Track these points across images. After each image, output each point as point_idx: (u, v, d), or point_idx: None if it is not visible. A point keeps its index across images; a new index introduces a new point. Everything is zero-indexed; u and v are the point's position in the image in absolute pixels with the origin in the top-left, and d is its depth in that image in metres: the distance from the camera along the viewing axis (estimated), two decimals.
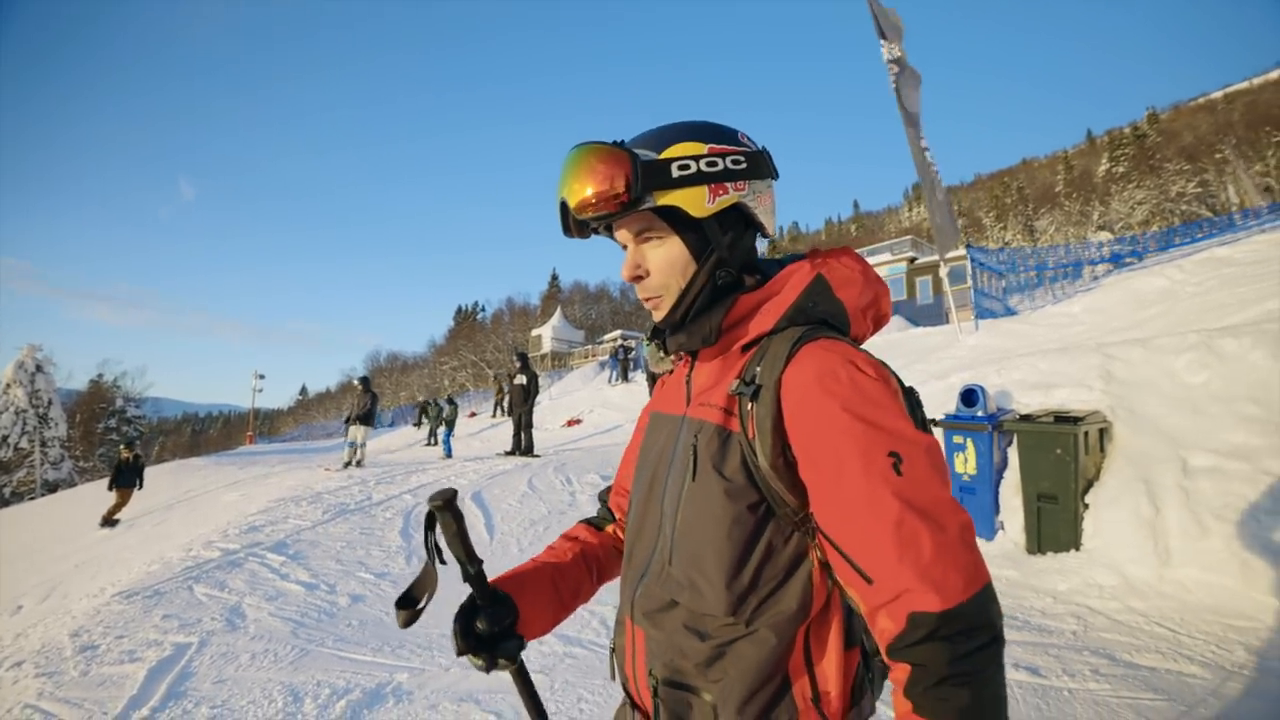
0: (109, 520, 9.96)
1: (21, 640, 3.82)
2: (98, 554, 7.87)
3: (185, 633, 3.57)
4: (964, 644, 0.64)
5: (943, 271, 9.23)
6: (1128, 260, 22.81)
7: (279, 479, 9.97)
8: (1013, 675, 2.90)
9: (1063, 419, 4.40)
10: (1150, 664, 2.96)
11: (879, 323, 0.90)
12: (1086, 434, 4.31)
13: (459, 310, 79.74)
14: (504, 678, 3.06)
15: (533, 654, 3.29)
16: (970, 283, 11.76)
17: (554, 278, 75.87)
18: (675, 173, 0.79)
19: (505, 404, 24.29)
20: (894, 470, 0.68)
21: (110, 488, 10.55)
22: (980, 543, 4.62)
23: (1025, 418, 4.64)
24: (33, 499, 25.81)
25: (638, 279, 0.86)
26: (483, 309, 77.81)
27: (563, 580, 1.01)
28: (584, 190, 0.80)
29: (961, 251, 13.77)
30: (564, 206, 0.84)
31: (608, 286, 69.13)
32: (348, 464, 10.28)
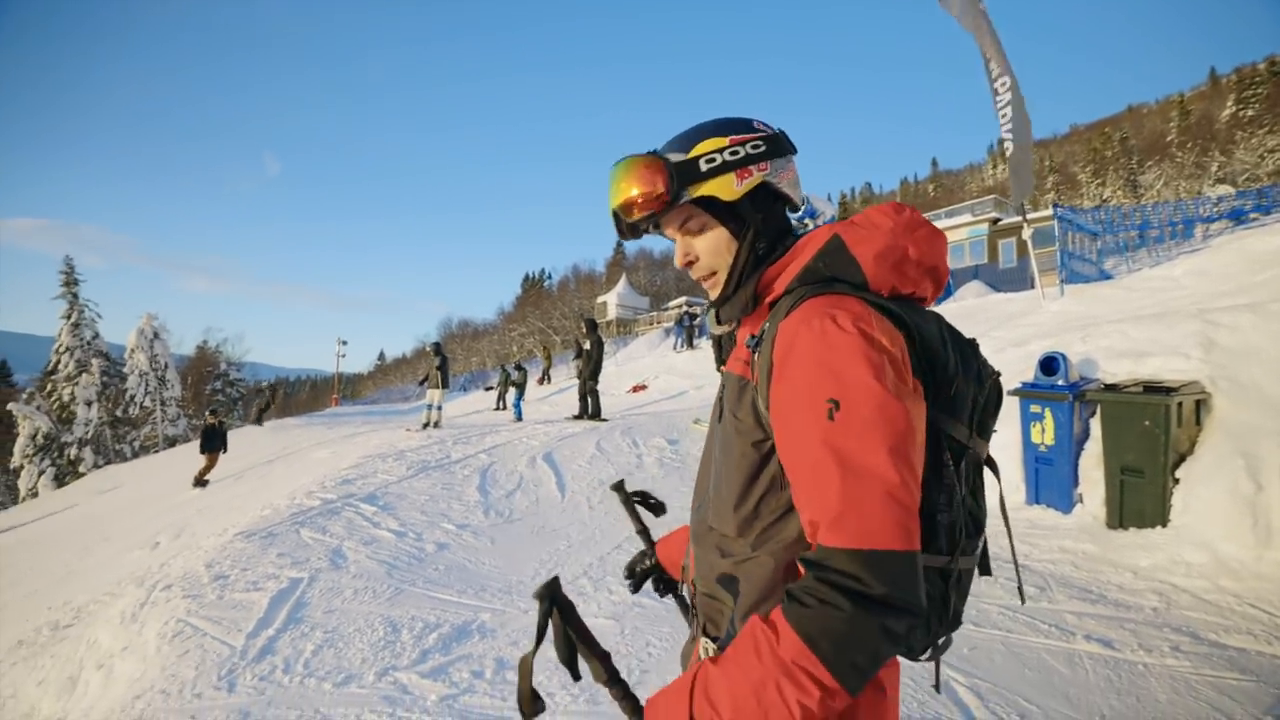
0: (199, 481, 10.71)
1: (166, 569, 4.41)
2: (216, 501, 8.81)
3: (297, 569, 4.02)
4: (840, 580, 0.69)
5: (1025, 233, 8.68)
6: (1252, 216, 20.45)
7: (364, 438, 10.73)
8: (1083, 647, 2.86)
9: (1154, 389, 4.15)
10: (1240, 645, 2.83)
11: (929, 275, 0.92)
12: (1180, 405, 4.06)
13: (526, 277, 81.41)
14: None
15: (604, 603, 3.52)
16: (1057, 245, 10.98)
17: (619, 244, 75.94)
18: (703, 167, 0.91)
19: (549, 373, 25.13)
20: (827, 415, 0.74)
21: (202, 451, 11.38)
22: (1056, 515, 4.51)
23: (1110, 387, 4.41)
24: (156, 452, 28.80)
25: (689, 264, 0.99)
26: (549, 276, 79.12)
27: None
28: (629, 197, 0.93)
29: (1048, 212, 12.80)
30: (616, 215, 0.97)
31: (673, 253, 68.34)
32: (426, 425, 10.93)
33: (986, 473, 0.97)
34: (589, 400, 10.28)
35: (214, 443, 11.31)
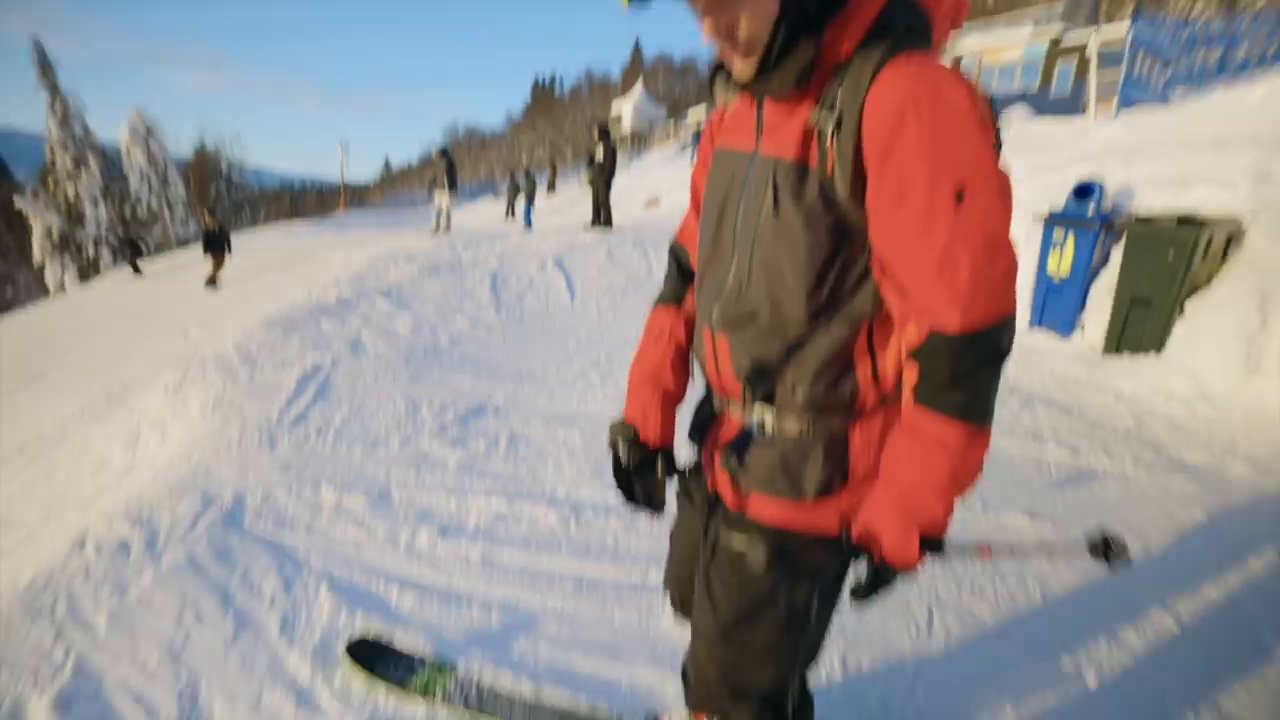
0: (211, 282, 10.68)
1: (199, 353, 4.69)
2: (236, 296, 9.08)
3: (319, 355, 4.26)
4: (968, 360, 0.75)
5: (1091, 45, 7.73)
6: None
7: (374, 242, 10.72)
8: (1051, 453, 3.08)
9: (1188, 221, 3.99)
10: (1196, 460, 3.03)
11: (956, 21, 0.86)
12: (1211, 239, 3.93)
13: (536, 83, 75.09)
14: (587, 409, 3.56)
15: (610, 393, 3.76)
16: (1124, 66, 9.75)
17: (637, 49, 68.65)
18: None
19: (555, 183, 24.17)
20: (955, 200, 0.71)
21: (205, 252, 11.20)
22: (1055, 340, 4.59)
23: (1143, 220, 4.24)
24: (172, 253, 29.03)
25: (725, 34, 0.80)
26: (561, 82, 72.85)
27: (678, 400, 1.17)
28: None
29: (1123, 29, 11.17)
30: None
31: (695, 60, 62.24)
32: (435, 230, 10.84)
33: None
34: (602, 209, 10.06)
35: (217, 244, 11.16)
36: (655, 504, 1.15)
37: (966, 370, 0.75)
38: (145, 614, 1.92)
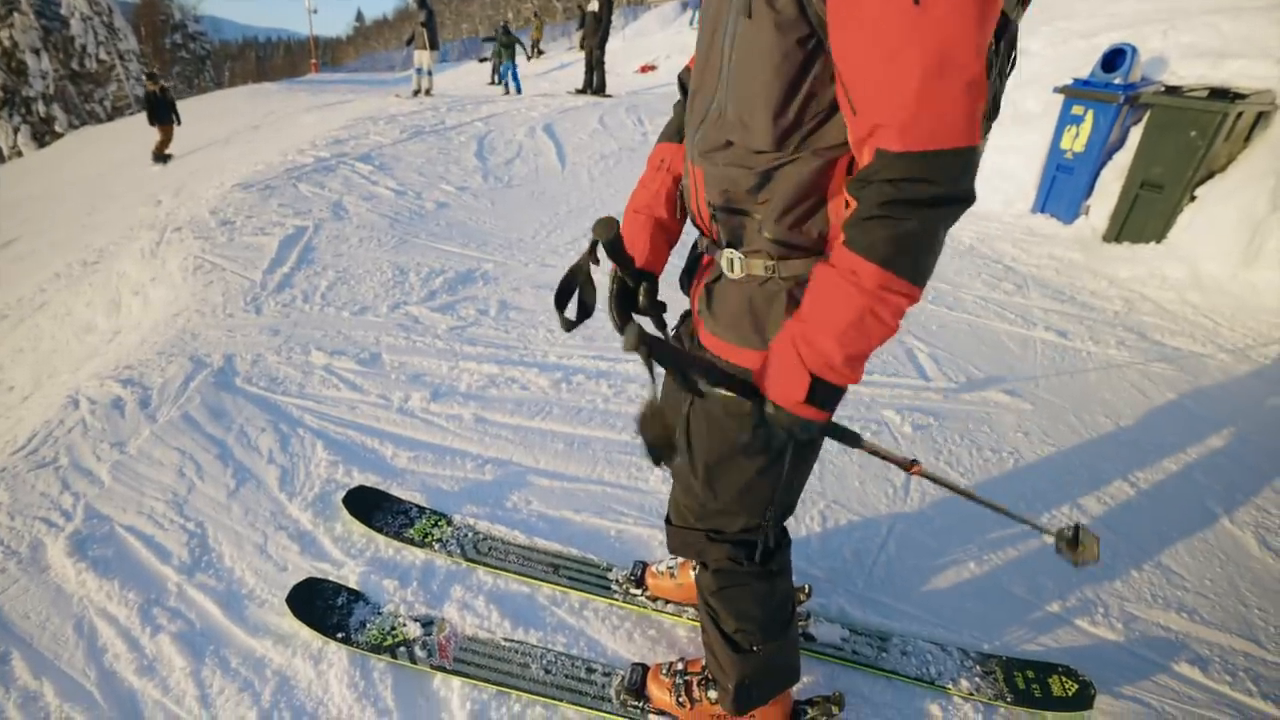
0: (160, 155, 9.67)
1: (172, 216, 4.48)
2: (206, 163, 8.57)
3: (300, 218, 4.09)
4: (904, 191, 0.68)
5: None
6: None
7: (352, 105, 10.01)
8: (1039, 334, 3.11)
9: (1219, 95, 3.75)
10: (1178, 345, 3.09)
11: None
12: (1240, 115, 3.72)
13: None
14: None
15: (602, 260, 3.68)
16: None
17: None
18: None
19: (539, 45, 22.18)
20: (908, 3, 0.63)
21: (151, 122, 10.07)
22: (1056, 225, 4.49)
23: (1171, 90, 3.98)
24: (131, 114, 27.04)
25: None
26: None
27: (671, 232, 1.12)
28: None
29: None
30: None
31: None
32: (416, 92, 10.08)
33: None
34: (595, 73, 9.35)
35: (163, 112, 10.04)
36: (585, 311, 1.11)
37: (895, 204, 0.69)
38: (147, 467, 1.97)
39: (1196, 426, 2.44)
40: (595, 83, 9.37)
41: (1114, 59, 4.19)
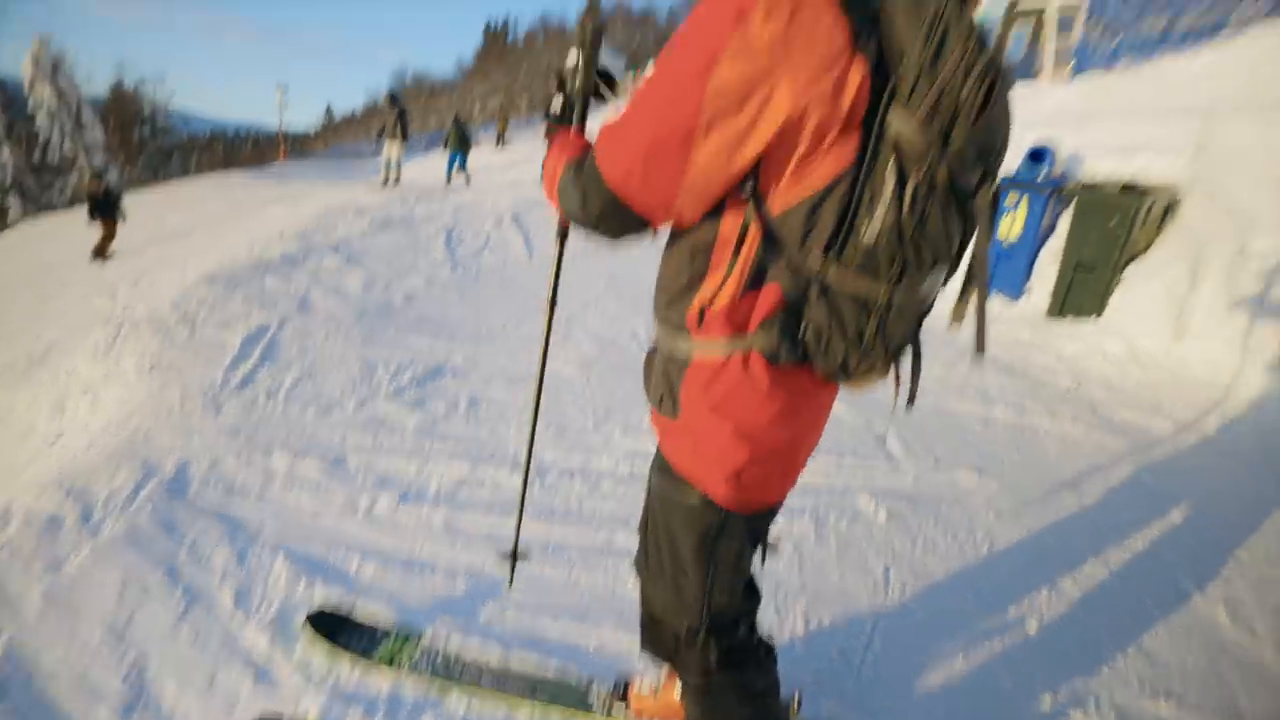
0: (100, 253, 9.34)
1: (130, 311, 4.38)
2: (169, 253, 8.51)
3: (265, 313, 4.05)
4: (580, 165, 0.87)
5: (1050, 11, 7.81)
6: None
7: (320, 195, 10.17)
8: (999, 413, 3.22)
9: (1130, 189, 4.14)
10: (1126, 418, 3.24)
11: None
12: (1150, 206, 4.10)
13: (488, 28, 71.37)
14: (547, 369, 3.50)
15: (572, 352, 3.70)
16: (1078, 34, 9.96)
17: None
18: None
19: (505, 137, 23.13)
20: (665, 51, 0.78)
21: (91, 219, 9.70)
22: (1004, 303, 4.75)
23: (1090, 185, 4.38)
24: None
25: None
26: (514, 28, 69.53)
27: None
28: None
29: None
30: None
31: (654, 9, 60.33)
32: (385, 182, 10.35)
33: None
34: None
35: (105, 209, 9.70)
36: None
37: (575, 165, 0.88)
38: (84, 591, 1.82)
39: (1156, 502, 2.51)
40: None
41: (1038, 156, 4.61)
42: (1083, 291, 4.32)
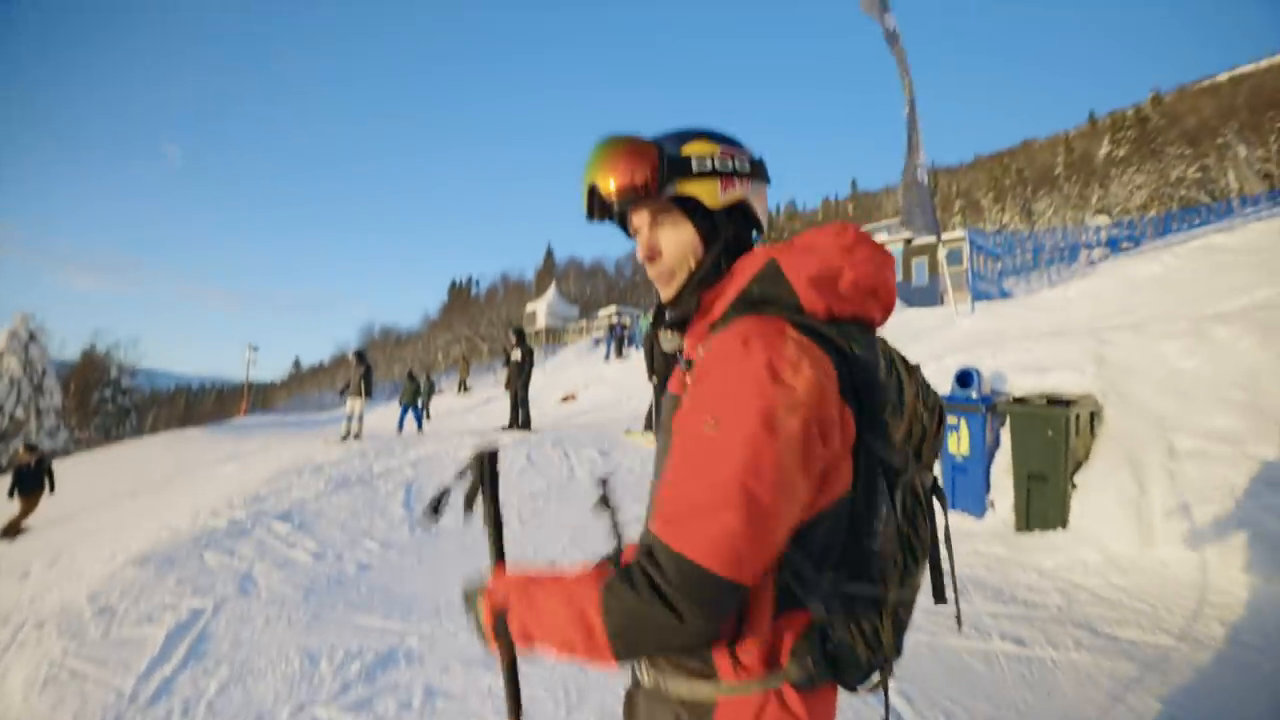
0: (12, 530, 8.70)
1: (38, 603, 3.92)
2: (101, 522, 7.96)
3: (200, 598, 3.67)
4: (643, 566, 0.75)
5: (941, 254, 9.29)
6: (1124, 246, 22.92)
7: (277, 451, 10.04)
8: (998, 646, 3.03)
9: (1055, 402, 4.50)
10: (1131, 637, 3.09)
11: (868, 295, 0.89)
12: (1078, 416, 4.42)
13: (453, 284, 79.34)
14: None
15: None
16: (967, 265, 11.85)
17: (549, 253, 75.52)
18: (695, 167, 0.91)
19: (467, 383, 24.37)
20: (704, 426, 0.77)
21: (10, 495, 9.09)
22: (970, 520, 4.78)
23: (1019, 400, 4.75)
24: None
25: (651, 259, 0.96)
26: (477, 284, 77.43)
27: None
28: (613, 177, 0.90)
29: (960, 234, 13.81)
30: (592, 191, 0.94)
31: (603, 262, 68.92)
32: (345, 436, 10.35)
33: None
34: (520, 411, 10.08)
35: (29, 484, 9.12)
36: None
37: (634, 575, 0.75)
38: None
39: None
40: (521, 419, 10.07)
41: (965, 377, 5.04)
42: (1043, 502, 4.41)
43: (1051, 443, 4.38)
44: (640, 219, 0.95)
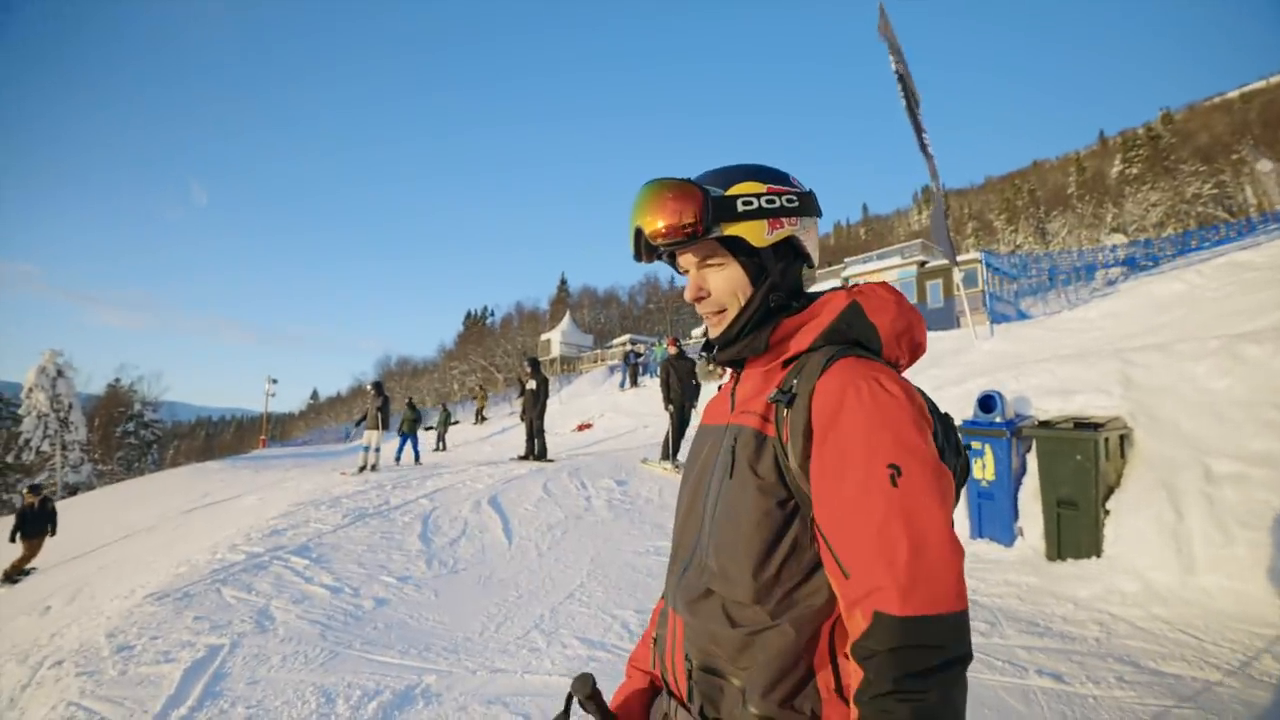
0: (14, 574, 8.62)
1: (58, 639, 3.92)
2: (122, 556, 8.01)
3: (217, 634, 3.64)
4: (916, 661, 0.69)
5: (957, 276, 9.22)
6: (1143, 264, 22.62)
7: (295, 483, 10.09)
8: (1036, 682, 2.90)
9: (1083, 425, 4.38)
10: (1176, 671, 2.94)
11: (914, 351, 0.96)
12: (1107, 440, 4.29)
13: (468, 315, 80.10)
14: (531, 683, 3.11)
15: (558, 659, 3.34)
16: (983, 286, 11.75)
17: (563, 282, 76.16)
18: (739, 207, 0.91)
19: (484, 414, 24.53)
20: (890, 480, 0.74)
21: (12, 539, 8.99)
22: (998, 548, 4.64)
23: (1044, 424, 4.63)
24: (60, 498, 26.18)
25: (699, 299, 0.97)
26: (492, 314, 78.16)
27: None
28: (660, 220, 0.91)
29: (975, 255, 13.74)
30: (638, 234, 0.94)
31: (616, 291, 69.44)
32: (363, 468, 10.37)
33: None
34: (536, 440, 10.05)
35: (34, 528, 9.03)
36: None
37: (911, 677, 0.69)
38: None
39: None
40: (537, 449, 10.03)
41: (988, 402, 4.94)
42: (1074, 529, 4.27)
43: (1081, 467, 4.25)
44: (688, 260, 0.97)
